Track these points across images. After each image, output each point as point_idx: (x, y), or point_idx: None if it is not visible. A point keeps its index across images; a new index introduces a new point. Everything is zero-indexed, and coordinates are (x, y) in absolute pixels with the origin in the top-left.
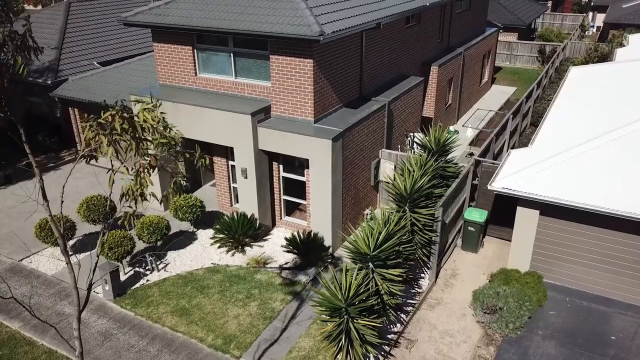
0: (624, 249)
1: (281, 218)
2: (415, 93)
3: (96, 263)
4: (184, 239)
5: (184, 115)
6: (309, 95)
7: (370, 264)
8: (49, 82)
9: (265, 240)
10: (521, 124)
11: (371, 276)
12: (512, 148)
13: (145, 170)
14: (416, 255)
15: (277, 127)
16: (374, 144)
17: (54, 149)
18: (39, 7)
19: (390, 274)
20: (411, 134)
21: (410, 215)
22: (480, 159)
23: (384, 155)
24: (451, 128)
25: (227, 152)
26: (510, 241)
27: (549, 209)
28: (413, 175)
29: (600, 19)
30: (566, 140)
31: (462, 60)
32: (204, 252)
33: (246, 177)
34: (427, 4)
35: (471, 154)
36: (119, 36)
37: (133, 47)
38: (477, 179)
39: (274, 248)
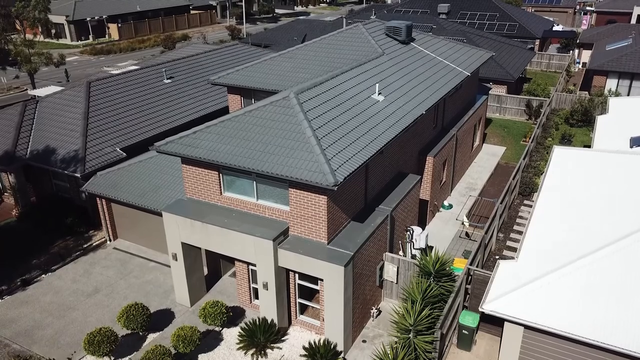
0: None
1: (296, 317)
2: (413, 193)
3: None
4: (211, 340)
5: (212, 233)
6: (323, 222)
7: None
8: (78, 175)
9: (283, 340)
10: (510, 197)
11: None
12: (502, 224)
13: None
14: None
15: (295, 249)
16: (379, 251)
17: (81, 232)
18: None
19: None
20: (410, 228)
21: (414, 343)
22: (471, 267)
23: (388, 258)
24: (445, 203)
25: None
26: (500, 337)
27: (531, 327)
28: (415, 307)
29: (586, 55)
30: (550, 255)
31: (455, 141)
32: (230, 355)
33: (267, 289)
34: (424, 112)
35: (466, 234)
36: (138, 117)
37: (151, 129)
38: (470, 279)
39: (292, 350)
